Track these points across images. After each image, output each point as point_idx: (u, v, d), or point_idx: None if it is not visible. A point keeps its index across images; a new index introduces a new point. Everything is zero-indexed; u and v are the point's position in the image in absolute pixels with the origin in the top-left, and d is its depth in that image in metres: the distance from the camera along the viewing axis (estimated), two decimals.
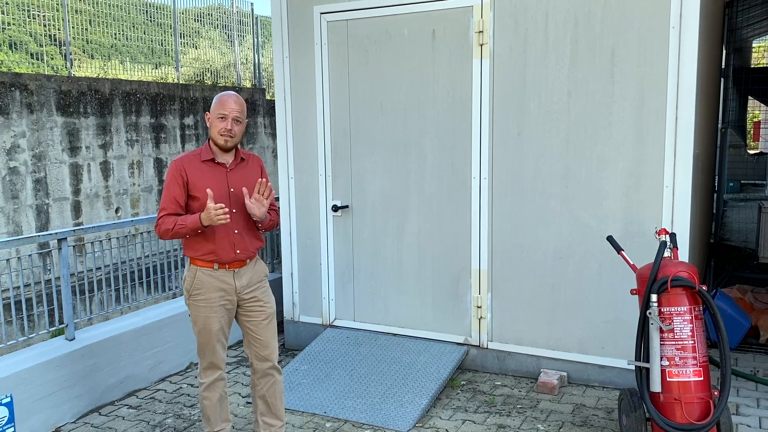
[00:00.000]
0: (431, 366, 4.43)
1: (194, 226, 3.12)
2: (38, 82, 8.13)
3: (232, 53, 13.68)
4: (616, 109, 4.07)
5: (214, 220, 3.04)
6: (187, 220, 3.13)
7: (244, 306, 3.34)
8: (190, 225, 3.12)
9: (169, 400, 4.37)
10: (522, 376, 4.52)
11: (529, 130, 4.31)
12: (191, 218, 3.13)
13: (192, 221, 3.12)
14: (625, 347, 4.16)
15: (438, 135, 4.59)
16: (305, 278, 5.23)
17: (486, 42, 4.35)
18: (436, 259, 4.70)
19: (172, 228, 3.15)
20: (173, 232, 3.16)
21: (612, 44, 4.04)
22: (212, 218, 3.04)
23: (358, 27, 4.78)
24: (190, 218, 3.13)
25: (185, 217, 3.15)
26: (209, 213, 3.04)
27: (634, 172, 4.06)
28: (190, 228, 3.13)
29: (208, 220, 3.06)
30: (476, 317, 4.59)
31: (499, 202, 4.45)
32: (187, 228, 3.13)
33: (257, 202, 3.20)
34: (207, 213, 3.05)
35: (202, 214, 3.08)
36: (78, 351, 4.10)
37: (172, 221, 3.16)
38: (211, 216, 3.03)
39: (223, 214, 3.03)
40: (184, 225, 3.13)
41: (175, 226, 3.14)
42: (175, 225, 3.14)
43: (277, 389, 3.47)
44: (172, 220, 3.16)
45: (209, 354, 3.33)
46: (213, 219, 3.04)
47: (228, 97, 3.22)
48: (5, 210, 7.70)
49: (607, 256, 4.17)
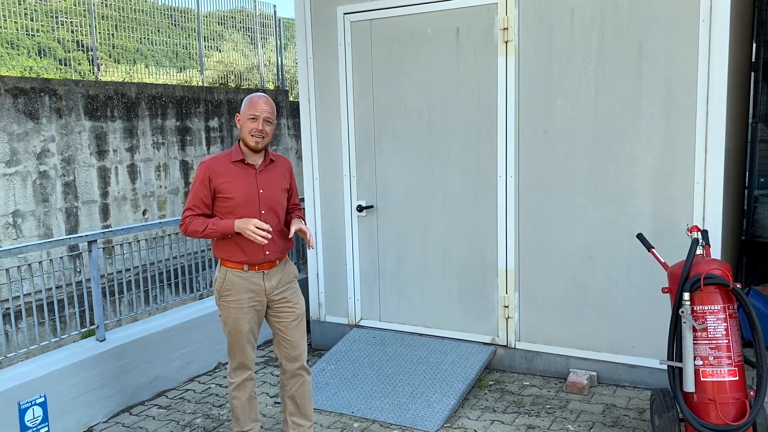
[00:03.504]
0: (458, 366, 4.41)
1: (226, 231, 3.16)
2: (66, 87, 8.28)
3: (254, 56, 13.77)
4: (645, 105, 4.01)
5: (249, 235, 3.08)
6: (219, 224, 3.17)
7: (273, 307, 3.36)
8: (222, 230, 3.16)
9: (198, 400, 4.41)
10: (550, 376, 4.48)
11: (555, 128, 4.27)
12: (224, 224, 3.16)
13: (225, 227, 3.15)
14: (657, 346, 4.09)
15: (463, 133, 4.57)
16: (331, 278, 5.24)
17: (511, 39, 4.32)
18: (461, 259, 4.68)
19: (202, 230, 3.18)
20: (203, 233, 3.19)
21: (639, 39, 3.98)
22: (249, 234, 3.07)
23: (382, 26, 4.77)
24: (223, 223, 3.16)
25: (217, 221, 3.18)
26: (248, 227, 3.07)
27: (663, 169, 4.00)
28: (221, 233, 3.17)
29: (243, 230, 3.10)
30: (503, 317, 4.56)
31: (526, 200, 4.41)
32: (219, 232, 3.18)
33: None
34: (246, 225, 3.08)
35: (239, 223, 3.12)
36: (108, 352, 4.16)
37: (202, 223, 3.19)
38: (249, 232, 3.07)
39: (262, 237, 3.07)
40: (216, 229, 3.17)
41: (206, 229, 3.18)
42: (206, 228, 3.18)
43: (306, 389, 3.48)
44: (201, 222, 3.19)
45: (239, 354, 3.35)
46: (249, 234, 3.07)
47: (258, 98, 3.24)
48: (36, 213, 7.85)
49: (636, 254, 4.11)
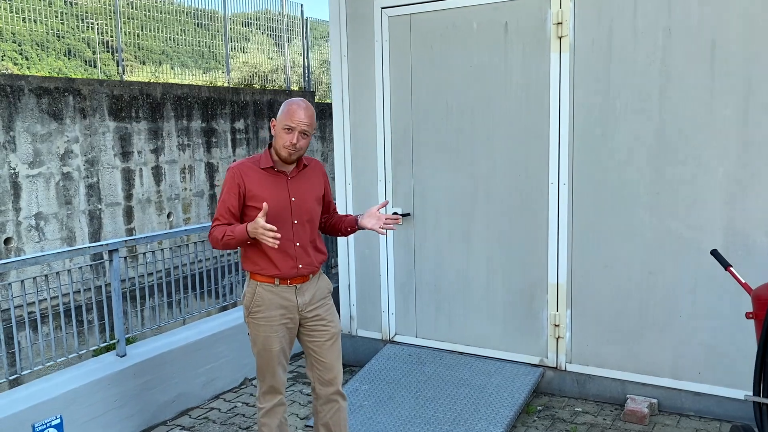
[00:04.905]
0: (504, 389, 4.06)
1: (242, 237, 2.83)
2: (91, 86, 8.08)
3: (279, 57, 13.55)
4: (717, 107, 3.62)
5: (260, 237, 2.74)
6: (235, 230, 2.85)
7: (306, 325, 3.05)
8: (238, 236, 2.84)
9: (223, 420, 4.11)
10: (605, 401, 4.10)
11: (614, 131, 3.90)
12: (239, 229, 2.84)
13: (240, 232, 2.83)
14: (726, 373, 3.70)
15: (510, 136, 4.22)
16: (363, 290, 4.92)
17: (565, 34, 3.96)
18: (507, 272, 4.32)
19: (221, 238, 2.89)
20: (223, 242, 2.90)
21: (712, 33, 3.60)
22: (258, 234, 2.73)
23: (423, 21, 4.45)
24: (238, 229, 2.85)
25: (233, 228, 2.87)
26: (256, 228, 2.73)
27: (737, 178, 3.61)
28: (238, 239, 2.85)
29: (254, 233, 2.76)
30: (553, 336, 4.20)
31: (580, 210, 4.04)
32: (236, 239, 2.86)
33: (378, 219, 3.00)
34: (254, 226, 2.74)
35: (249, 226, 2.79)
36: (130, 368, 3.89)
37: (222, 231, 2.89)
38: (257, 232, 2.72)
39: (272, 239, 2.71)
40: (233, 236, 2.86)
41: (224, 237, 2.88)
42: (224, 236, 2.87)
43: (342, 417, 3.15)
44: (221, 230, 2.90)
45: (269, 377, 3.04)
46: (259, 236, 2.73)
47: (297, 107, 2.89)
48: (59, 216, 7.66)
49: (703, 271, 3.73)
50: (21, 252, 7.21)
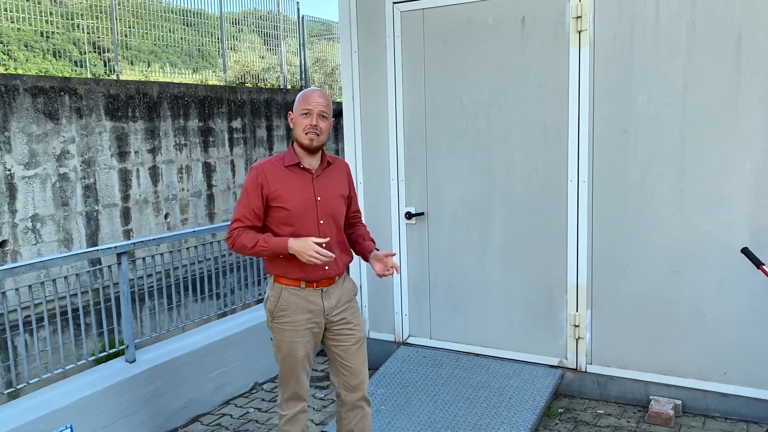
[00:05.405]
0: (525, 392, 3.97)
1: (278, 251, 2.74)
2: (87, 86, 7.91)
3: (272, 56, 13.40)
4: (743, 102, 3.55)
5: (307, 260, 2.69)
6: (270, 242, 2.74)
7: (332, 329, 2.94)
8: (274, 248, 2.74)
9: (236, 427, 3.99)
10: (627, 403, 4.02)
11: (636, 127, 3.82)
12: (276, 242, 2.74)
13: (277, 245, 2.73)
14: (753, 373, 3.64)
15: (527, 133, 4.13)
16: (376, 291, 4.82)
17: (585, 28, 3.88)
18: (525, 272, 4.24)
19: (251, 246, 2.76)
20: (252, 251, 2.77)
21: (738, 26, 3.53)
22: (306, 258, 2.68)
23: (436, 16, 4.35)
24: (275, 241, 2.74)
25: (269, 238, 2.76)
26: (306, 251, 2.67)
27: (765, 173, 3.54)
28: (272, 251, 2.76)
29: (299, 254, 2.69)
30: (573, 337, 4.11)
31: (601, 208, 3.96)
32: (270, 251, 2.76)
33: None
34: (304, 248, 2.68)
35: (294, 244, 2.70)
36: (140, 375, 3.76)
37: (252, 239, 2.76)
38: (306, 256, 2.68)
39: (318, 258, 2.68)
40: (267, 247, 2.75)
41: (256, 246, 2.75)
42: (257, 245, 2.75)
43: (367, 423, 3.05)
44: (251, 238, 2.77)
45: (293, 383, 2.93)
46: (307, 259, 2.68)
47: (312, 92, 2.85)
48: (55, 217, 7.49)
49: (729, 269, 3.66)
50: (17, 255, 7.03)
